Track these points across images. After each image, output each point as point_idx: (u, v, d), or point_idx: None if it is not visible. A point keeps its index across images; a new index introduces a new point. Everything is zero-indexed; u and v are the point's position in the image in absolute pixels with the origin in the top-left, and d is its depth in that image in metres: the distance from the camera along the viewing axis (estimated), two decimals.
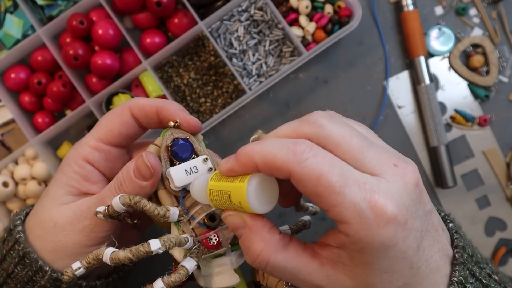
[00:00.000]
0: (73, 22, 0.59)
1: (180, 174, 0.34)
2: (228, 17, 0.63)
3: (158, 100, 0.37)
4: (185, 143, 0.35)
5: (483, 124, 0.64)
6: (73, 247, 0.36)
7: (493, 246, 0.64)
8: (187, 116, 0.36)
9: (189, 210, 0.35)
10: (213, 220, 0.35)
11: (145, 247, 0.30)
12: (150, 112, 0.36)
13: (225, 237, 0.35)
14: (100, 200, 0.35)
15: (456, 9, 0.65)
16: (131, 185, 0.34)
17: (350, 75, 0.65)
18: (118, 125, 0.37)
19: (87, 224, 0.36)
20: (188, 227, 0.35)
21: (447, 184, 0.62)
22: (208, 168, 0.35)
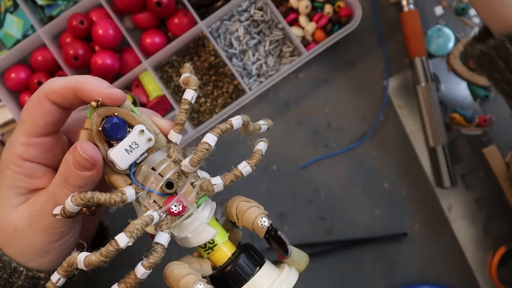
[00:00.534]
0: (73, 22, 0.59)
1: (121, 155, 0.32)
2: (228, 17, 0.63)
3: (73, 79, 0.33)
4: (115, 121, 0.32)
5: (483, 124, 0.63)
6: (40, 247, 0.36)
7: (493, 246, 0.64)
8: (107, 90, 0.33)
9: (144, 184, 0.34)
10: (171, 187, 0.34)
11: (114, 246, 0.30)
12: (68, 95, 0.33)
13: (187, 200, 0.34)
14: (52, 198, 0.34)
15: (456, 9, 0.65)
16: (76, 178, 0.33)
17: (350, 75, 0.65)
18: (41, 116, 0.34)
19: (46, 223, 0.35)
20: (149, 201, 0.33)
21: (447, 184, 0.62)
22: (147, 139, 0.33)
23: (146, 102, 0.61)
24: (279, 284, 0.35)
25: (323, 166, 0.64)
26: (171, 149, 0.34)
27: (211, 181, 0.35)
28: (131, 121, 0.33)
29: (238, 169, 0.35)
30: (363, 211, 0.64)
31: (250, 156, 0.37)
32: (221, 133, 0.34)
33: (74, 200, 0.31)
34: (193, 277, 0.33)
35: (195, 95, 0.34)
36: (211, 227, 0.35)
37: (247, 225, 0.36)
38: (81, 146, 0.32)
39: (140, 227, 0.31)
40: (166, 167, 0.34)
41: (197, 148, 0.34)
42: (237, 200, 0.37)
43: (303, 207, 0.64)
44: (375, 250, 0.64)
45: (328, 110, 0.64)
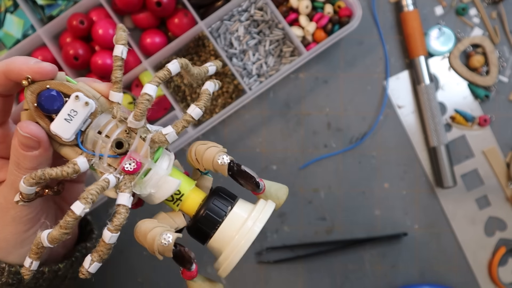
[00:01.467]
0: (73, 22, 0.59)
1: (63, 125, 0.32)
2: (228, 17, 0.63)
3: (1, 63, 0.32)
4: (48, 94, 0.32)
5: (483, 124, 0.64)
6: (14, 238, 0.35)
7: (493, 246, 0.64)
8: (35, 65, 0.31)
9: (94, 150, 0.33)
10: (121, 146, 0.33)
11: (71, 215, 0.30)
12: (1, 80, 0.32)
13: (140, 156, 0.33)
14: (11, 186, 0.33)
15: (456, 9, 0.65)
16: (26, 160, 0.32)
17: (350, 75, 0.65)
18: None
19: (13, 213, 0.34)
20: (103, 166, 0.33)
21: (447, 184, 0.62)
22: (84, 104, 0.32)
23: None
24: (253, 217, 0.34)
25: (323, 166, 0.64)
26: (114, 108, 0.34)
27: (162, 132, 0.34)
28: (67, 90, 0.32)
29: (188, 113, 0.34)
30: (363, 211, 0.64)
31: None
32: (160, 81, 0.33)
33: (26, 181, 0.30)
34: (159, 229, 0.32)
35: (124, 49, 0.33)
36: (173, 177, 0.35)
37: (208, 167, 0.35)
38: (21, 126, 0.31)
39: (95, 192, 0.30)
40: (112, 128, 0.33)
41: (138, 100, 0.33)
42: (195, 145, 0.36)
43: (303, 207, 0.64)
44: (375, 250, 0.64)
45: (328, 110, 0.64)
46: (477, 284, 0.63)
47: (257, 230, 0.33)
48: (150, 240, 0.32)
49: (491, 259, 0.63)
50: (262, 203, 0.35)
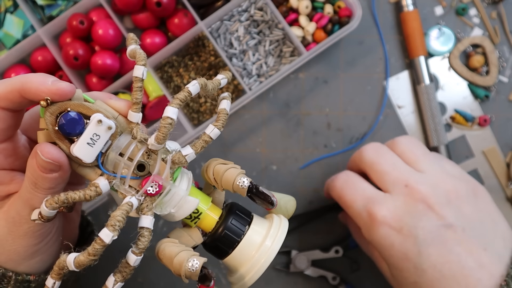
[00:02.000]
0: (73, 22, 0.59)
1: (85, 150, 0.31)
2: (228, 17, 0.63)
3: (16, 80, 0.31)
4: (70, 117, 0.31)
5: (483, 124, 0.64)
6: (25, 250, 0.35)
7: None
8: (53, 87, 0.31)
9: (115, 171, 0.33)
10: (143, 169, 0.33)
11: (99, 243, 0.30)
12: (15, 98, 0.31)
13: (163, 179, 0.33)
14: (26, 203, 0.33)
15: (456, 9, 0.65)
16: (45, 181, 0.32)
17: (350, 75, 0.65)
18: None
19: (26, 228, 0.34)
20: (124, 187, 0.33)
21: None
22: (107, 128, 0.32)
23: (146, 102, 0.61)
24: (271, 238, 0.35)
25: (323, 166, 0.64)
26: (134, 129, 0.33)
27: (182, 153, 0.34)
28: (87, 111, 0.32)
29: (206, 133, 0.35)
30: None
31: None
32: (180, 103, 0.33)
33: (48, 205, 0.31)
34: (185, 254, 0.33)
35: (145, 70, 0.33)
36: (192, 197, 0.35)
37: (227, 188, 0.35)
38: (42, 150, 0.31)
39: (122, 218, 0.31)
40: (134, 150, 0.33)
41: (160, 123, 0.33)
42: (213, 164, 0.36)
43: (303, 207, 0.64)
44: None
45: (328, 110, 0.64)
46: None
47: (276, 249, 0.34)
48: (177, 265, 0.32)
49: None
50: (277, 220, 0.36)
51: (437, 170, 0.47)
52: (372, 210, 0.45)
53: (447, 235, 0.42)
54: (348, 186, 0.48)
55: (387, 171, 0.47)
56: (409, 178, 0.45)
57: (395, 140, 0.51)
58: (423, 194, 0.44)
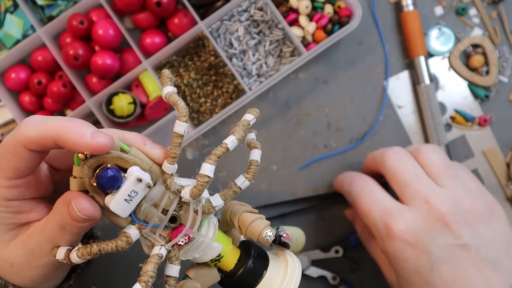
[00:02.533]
0: (73, 22, 0.59)
1: (122, 206, 0.31)
2: (228, 17, 0.63)
3: (52, 127, 0.30)
4: (110, 174, 0.30)
5: (483, 124, 0.64)
6: (40, 278, 0.35)
7: None
8: (94, 142, 0.30)
9: (146, 220, 0.33)
10: (175, 221, 0.34)
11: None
12: (48, 144, 0.31)
13: (193, 232, 0.34)
14: (49, 240, 0.33)
15: (456, 9, 0.65)
16: (74, 228, 0.32)
17: (350, 75, 0.65)
18: (21, 163, 0.32)
19: (46, 260, 0.34)
20: (154, 237, 0.33)
21: None
22: (145, 186, 0.31)
23: (146, 102, 0.61)
24: (289, 281, 0.36)
25: (323, 166, 0.64)
26: (168, 180, 0.33)
27: (212, 204, 0.34)
28: (124, 164, 0.31)
29: (237, 184, 0.35)
30: None
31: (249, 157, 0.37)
32: (217, 160, 0.33)
33: (80, 255, 0.31)
34: None
35: (187, 126, 0.33)
36: (217, 243, 0.36)
37: (251, 237, 0.36)
38: (78, 206, 0.31)
39: (153, 273, 0.31)
40: (168, 201, 0.33)
41: (197, 180, 0.33)
42: (239, 212, 0.37)
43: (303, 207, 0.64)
44: None
45: (328, 110, 0.64)
46: None
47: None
48: None
49: None
50: (291, 262, 0.37)
51: (458, 187, 0.47)
52: (390, 223, 0.45)
53: (461, 254, 0.43)
54: (365, 193, 0.49)
55: (408, 182, 0.47)
56: (430, 193, 0.46)
57: (420, 150, 0.51)
58: (442, 213, 0.44)
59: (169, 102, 0.33)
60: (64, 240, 0.33)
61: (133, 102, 0.60)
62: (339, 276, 0.62)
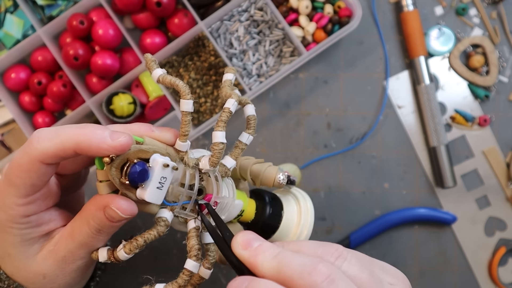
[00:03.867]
0: (73, 22, 0.59)
1: (155, 194, 0.32)
2: (228, 17, 0.63)
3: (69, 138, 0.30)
4: (140, 169, 0.31)
5: (483, 124, 0.64)
6: (75, 281, 0.36)
7: (493, 246, 0.64)
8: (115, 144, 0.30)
9: (176, 200, 0.34)
10: (201, 193, 0.35)
11: (188, 274, 0.32)
12: (67, 155, 0.31)
13: (219, 197, 0.35)
14: (83, 245, 0.34)
15: (456, 9, 0.65)
16: (111, 229, 0.33)
17: (350, 75, 0.65)
18: (38, 178, 0.32)
19: (80, 263, 0.35)
20: (185, 212, 0.35)
21: (447, 184, 0.62)
22: (171, 169, 0.32)
23: (146, 102, 0.61)
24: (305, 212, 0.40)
25: (323, 166, 0.64)
26: (185, 158, 0.35)
27: (227, 166, 0.36)
28: (145, 155, 0.32)
29: (242, 142, 0.37)
30: (363, 211, 0.64)
31: None
32: (225, 125, 0.35)
33: (128, 251, 0.32)
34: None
35: (192, 103, 0.34)
36: (238, 200, 0.38)
37: (266, 185, 0.39)
38: (119, 208, 0.31)
39: (199, 245, 0.33)
40: (190, 177, 0.35)
41: (212, 149, 0.34)
42: (249, 165, 0.40)
43: None
44: (375, 250, 0.64)
45: (328, 110, 0.64)
46: (477, 284, 0.63)
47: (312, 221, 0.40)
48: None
49: (491, 259, 0.63)
50: (299, 195, 0.42)
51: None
52: None
53: None
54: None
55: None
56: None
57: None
58: None
59: (164, 84, 0.34)
60: (99, 242, 0.33)
61: (133, 102, 0.60)
62: None
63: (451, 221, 0.63)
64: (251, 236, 0.30)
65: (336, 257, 0.29)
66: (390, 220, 0.63)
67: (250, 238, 0.29)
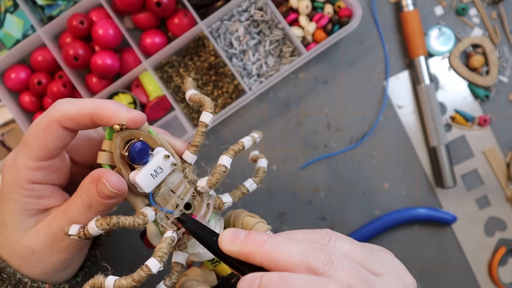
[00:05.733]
0: (73, 22, 0.59)
1: (147, 179, 0.32)
2: (228, 17, 0.63)
3: (89, 104, 0.32)
4: (142, 146, 0.32)
5: (483, 124, 0.64)
6: (62, 264, 0.36)
7: (493, 246, 0.64)
8: (130, 115, 0.32)
9: (162, 205, 0.34)
10: (189, 208, 0.35)
11: (146, 271, 0.31)
12: (83, 121, 0.32)
13: (205, 221, 0.35)
14: (72, 222, 0.34)
15: (456, 9, 0.65)
16: (102, 206, 0.33)
17: (350, 75, 0.65)
18: (52, 142, 0.33)
19: (68, 242, 0.35)
20: (167, 222, 0.34)
21: (447, 184, 0.62)
22: (171, 164, 0.33)
23: (146, 102, 0.61)
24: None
25: (323, 166, 0.64)
26: (187, 169, 0.35)
27: (222, 200, 0.36)
28: (152, 143, 0.33)
29: (245, 186, 0.37)
30: (363, 211, 0.64)
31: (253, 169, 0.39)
32: (234, 155, 0.35)
33: (99, 225, 0.31)
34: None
35: (212, 117, 0.35)
36: None
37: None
38: (109, 180, 0.32)
39: (167, 251, 0.32)
40: (184, 189, 0.35)
41: (214, 170, 0.34)
42: (242, 216, 0.38)
43: (303, 207, 0.64)
44: None
45: (328, 110, 0.64)
46: (477, 284, 0.63)
47: None
48: None
49: (491, 259, 0.63)
50: None
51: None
52: None
53: None
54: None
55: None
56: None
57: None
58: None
59: (194, 102, 0.35)
60: (87, 220, 0.33)
61: (133, 102, 0.60)
62: None
63: (451, 221, 0.63)
64: (233, 230, 0.29)
65: (328, 240, 0.30)
66: (390, 220, 0.63)
67: (234, 231, 0.29)
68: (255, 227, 0.37)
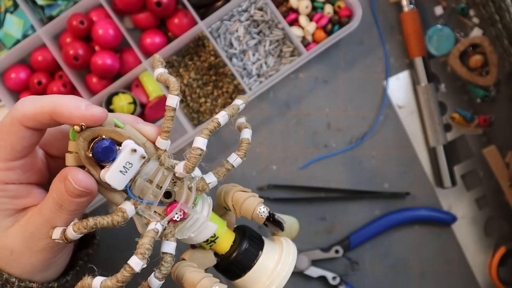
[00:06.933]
0: (73, 22, 0.59)
1: (117, 177, 0.31)
2: (228, 17, 0.63)
3: (47, 101, 0.31)
4: (105, 145, 0.31)
5: (483, 124, 0.64)
6: (41, 264, 0.35)
7: (493, 246, 0.64)
8: (88, 112, 0.30)
9: (141, 196, 0.33)
10: (169, 196, 0.34)
11: (129, 271, 0.30)
12: (44, 120, 0.31)
13: (188, 207, 0.34)
14: (47, 221, 0.33)
15: (456, 9, 0.65)
16: (72, 205, 0.32)
17: (350, 75, 0.65)
18: (17, 142, 0.32)
19: (45, 243, 0.34)
20: (149, 213, 0.33)
21: (447, 184, 0.62)
22: (140, 157, 0.32)
23: (146, 102, 0.61)
24: (284, 264, 0.36)
25: (323, 166, 0.64)
26: (162, 156, 0.33)
27: (205, 180, 0.35)
28: (118, 138, 0.32)
29: (229, 162, 0.36)
30: (363, 211, 0.64)
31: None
32: (210, 134, 0.34)
33: (77, 229, 0.30)
34: (207, 281, 0.33)
35: (178, 100, 0.33)
36: (212, 222, 0.36)
37: (245, 215, 0.36)
38: (74, 178, 0.31)
39: (150, 246, 0.31)
40: (162, 177, 0.33)
41: (190, 153, 0.33)
42: (232, 191, 0.37)
43: (303, 207, 0.64)
44: (375, 250, 0.64)
45: (328, 110, 0.64)
46: (477, 284, 0.63)
47: (287, 276, 0.36)
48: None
49: (491, 259, 0.63)
50: (286, 246, 0.37)
51: None
52: None
53: None
54: None
55: None
56: None
57: None
58: None
59: (161, 82, 0.34)
60: (61, 220, 0.32)
61: (133, 102, 0.60)
62: (339, 276, 0.62)
63: (451, 221, 0.63)
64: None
65: None
66: (390, 220, 0.63)
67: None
68: (246, 202, 0.36)
